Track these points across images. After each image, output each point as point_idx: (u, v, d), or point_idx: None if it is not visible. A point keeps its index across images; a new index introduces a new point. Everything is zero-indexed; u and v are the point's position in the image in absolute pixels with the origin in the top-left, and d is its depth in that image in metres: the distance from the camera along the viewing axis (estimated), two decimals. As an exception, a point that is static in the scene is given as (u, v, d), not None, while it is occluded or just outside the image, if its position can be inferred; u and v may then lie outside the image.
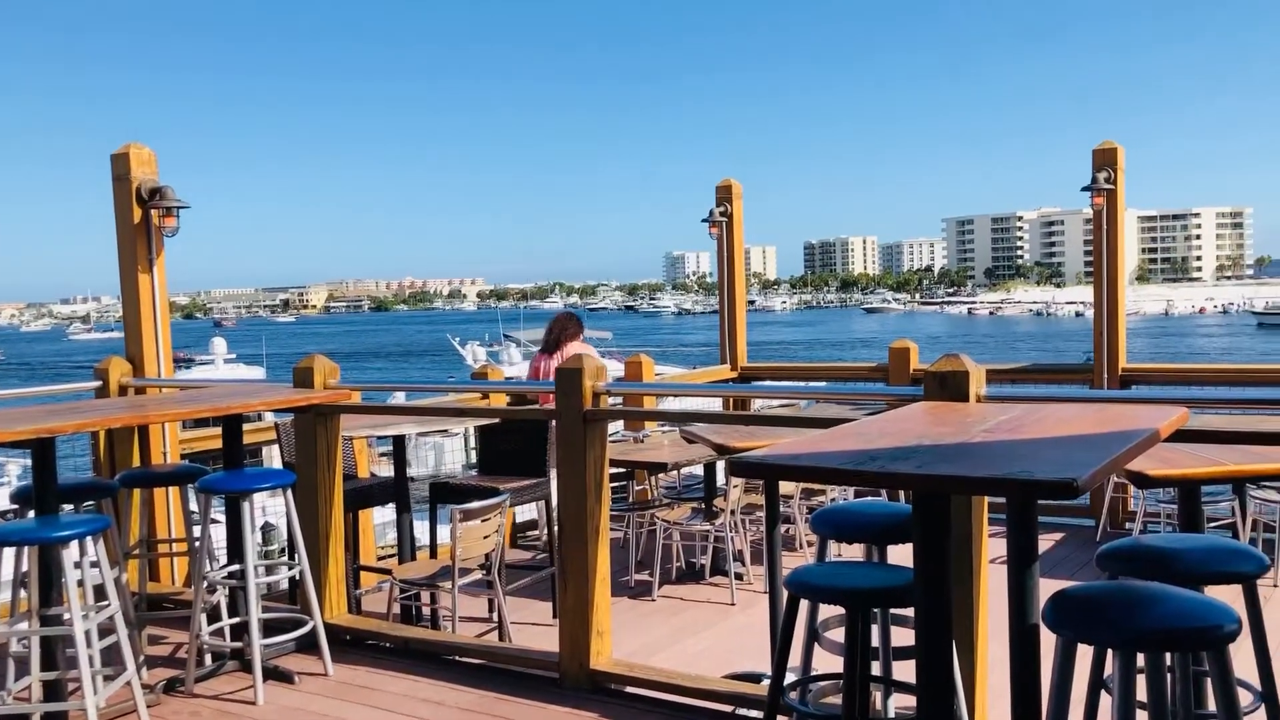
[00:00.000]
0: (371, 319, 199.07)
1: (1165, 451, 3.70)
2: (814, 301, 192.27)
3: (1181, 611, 2.34)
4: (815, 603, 3.23)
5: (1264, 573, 2.82)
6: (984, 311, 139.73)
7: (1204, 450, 3.72)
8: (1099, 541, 7.26)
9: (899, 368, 8.10)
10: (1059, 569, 6.59)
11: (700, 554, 6.83)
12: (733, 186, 9.05)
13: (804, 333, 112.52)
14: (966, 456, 2.45)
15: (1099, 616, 2.37)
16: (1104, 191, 7.63)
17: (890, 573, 3.01)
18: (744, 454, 2.43)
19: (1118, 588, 2.52)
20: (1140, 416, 2.88)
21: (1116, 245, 7.72)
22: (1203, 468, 3.66)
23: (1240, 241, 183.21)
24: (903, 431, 2.77)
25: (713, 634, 5.71)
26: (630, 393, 6.37)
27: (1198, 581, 2.77)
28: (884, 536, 3.28)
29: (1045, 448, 2.51)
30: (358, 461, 6.53)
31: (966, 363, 3.56)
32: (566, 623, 4.54)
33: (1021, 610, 2.59)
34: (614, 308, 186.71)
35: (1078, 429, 2.76)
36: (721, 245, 9.16)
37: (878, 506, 3.41)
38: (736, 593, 6.28)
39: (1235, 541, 2.96)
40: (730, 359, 9.15)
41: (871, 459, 2.40)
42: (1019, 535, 2.58)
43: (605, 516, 4.47)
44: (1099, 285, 7.81)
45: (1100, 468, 2.22)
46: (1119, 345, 7.70)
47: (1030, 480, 2.11)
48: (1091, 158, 7.69)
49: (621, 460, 6.54)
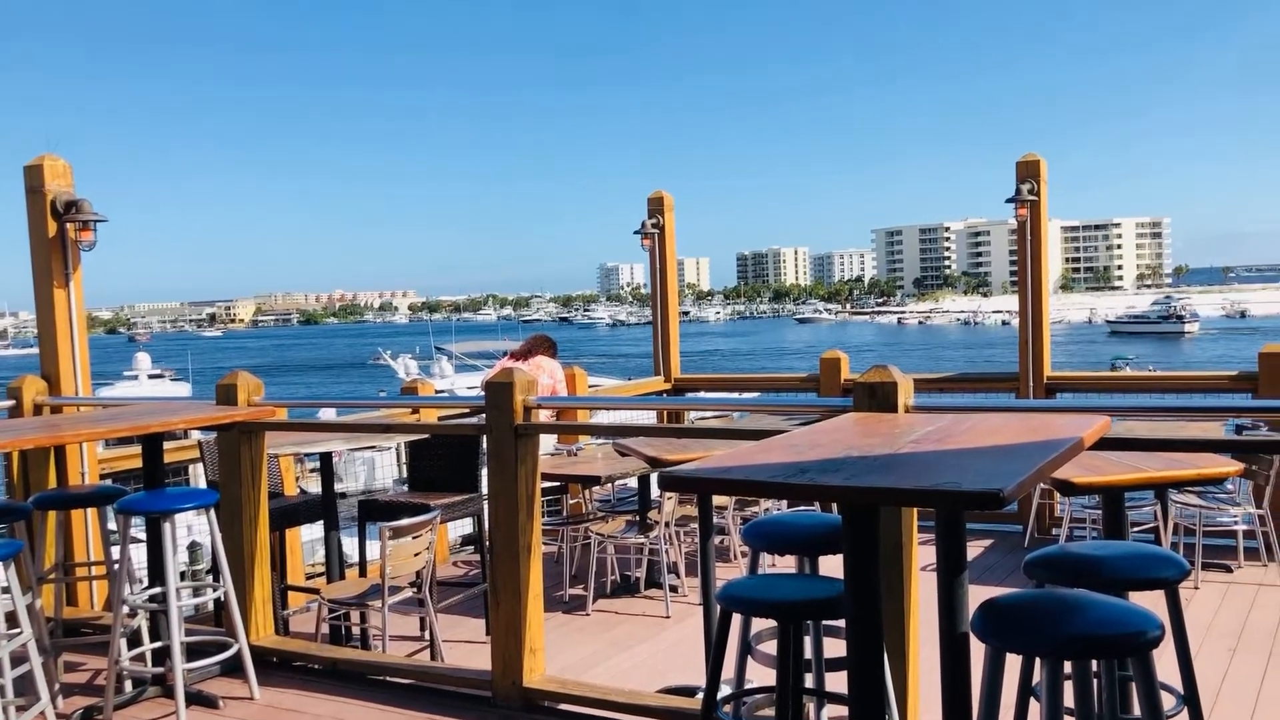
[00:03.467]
0: (301, 333, 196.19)
1: (1090, 459, 3.76)
2: (747, 312, 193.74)
3: (1106, 619, 2.36)
4: (748, 616, 3.22)
5: (1185, 578, 2.87)
6: (913, 321, 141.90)
7: (1127, 457, 3.80)
8: (1027, 547, 7.38)
9: (830, 378, 8.16)
10: (989, 575, 6.68)
11: (635, 567, 6.81)
12: (664, 199, 9.06)
13: (737, 343, 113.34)
14: (895, 468, 2.46)
15: (1026, 626, 2.39)
16: (1027, 203, 7.77)
17: (822, 584, 3.01)
18: (675, 468, 2.41)
19: (1044, 596, 2.55)
20: (1064, 425, 2.92)
21: (1040, 255, 7.86)
22: (1126, 475, 3.73)
23: (1159, 251, 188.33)
24: (833, 443, 2.78)
25: (647, 648, 5.68)
26: (562, 406, 6.34)
27: (1122, 588, 2.81)
28: (815, 548, 3.29)
29: (972, 458, 2.53)
30: (284, 479, 6.40)
31: (895, 374, 3.59)
32: (499, 640, 4.48)
33: (951, 620, 2.60)
34: (548, 319, 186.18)
35: (1004, 438, 2.79)
36: (654, 257, 9.17)
37: (809, 518, 3.41)
38: (671, 605, 6.26)
39: (1157, 548, 3.01)
40: (664, 370, 9.15)
41: (802, 471, 2.39)
42: (948, 545, 2.59)
43: (537, 532, 4.43)
44: (1024, 295, 7.95)
45: (1026, 478, 2.24)
46: (1044, 354, 7.84)
47: (957, 491, 2.12)
48: (1015, 170, 7.83)
49: (555, 474, 6.49)
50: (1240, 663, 5.08)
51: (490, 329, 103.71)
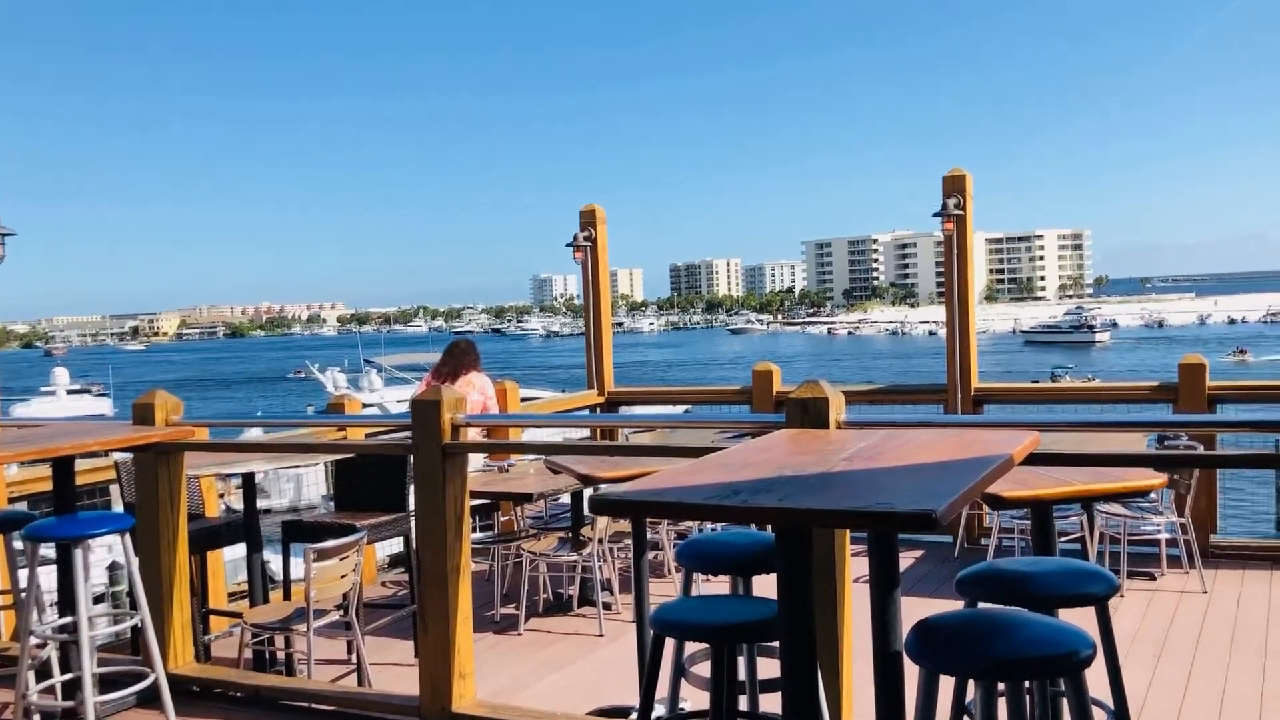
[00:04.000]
0: (227, 346, 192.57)
1: (1019, 472, 3.78)
2: (681, 323, 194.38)
3: (1039, 639, 2.36)
4: (681, 640, 3.17)
5: (1114, 593, 2.88)
6: (843, 331, 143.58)
7: (1055, 469, 3.82)
8: (956, 558, 7.45)
9: (762, 391, 8.17)
10: (920, 586, 6.72)
11: (568, 585, 6.73)
12: (596, 211, 9.02)
13: (671, 353, 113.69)
14: (828, 487, 2.43)
15: (960, 647, 2.37)
16: (954, 217, 7.86)
17: (755, 605, 2.98)
18: (606, 492, 2.35)
19: (977, 616, 2.53)
20: (995, 441, 2.91)
21: (966, 268, 7.96)
22: (1054, 488, 3.76)
23: (1080, 262, 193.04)
24: (766, 461, 2.74)
25: (580, 667, 5.61)
26: (492, 424, 6.24)
27: (1052, 605, 2.81)
28: (749, 567, 3.25)
29: (904, 477, 2.51)
30: (205, 499, 6.22)
31: (826, 389, 3.58)
32: (427, 664, 4.38)
33: (885, 639, 2.58)
34: (481, 330, 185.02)
35: (935, 455, 2.78)
36: (586, 269, 9.12)
37: (742, 537, 3.38)
38: (605, 623, 6.20)
39: (1087, 564, 3.02)
40: (597, 383, 9.09)
41: (735, 493, 2.35)
42: (880, 564, 2.57)
43: (466, 553, 4.34)
44: (951, 307, 8.04)
45: (958, 497, 2.22)
46: (971, 365, 7.93)
47: (890, 512, 2.09)
48: (942, 184, 7.92)
49: (485, 491, 6.39)
50: (1165, 670, 5.15)
51: (421, 341, 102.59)
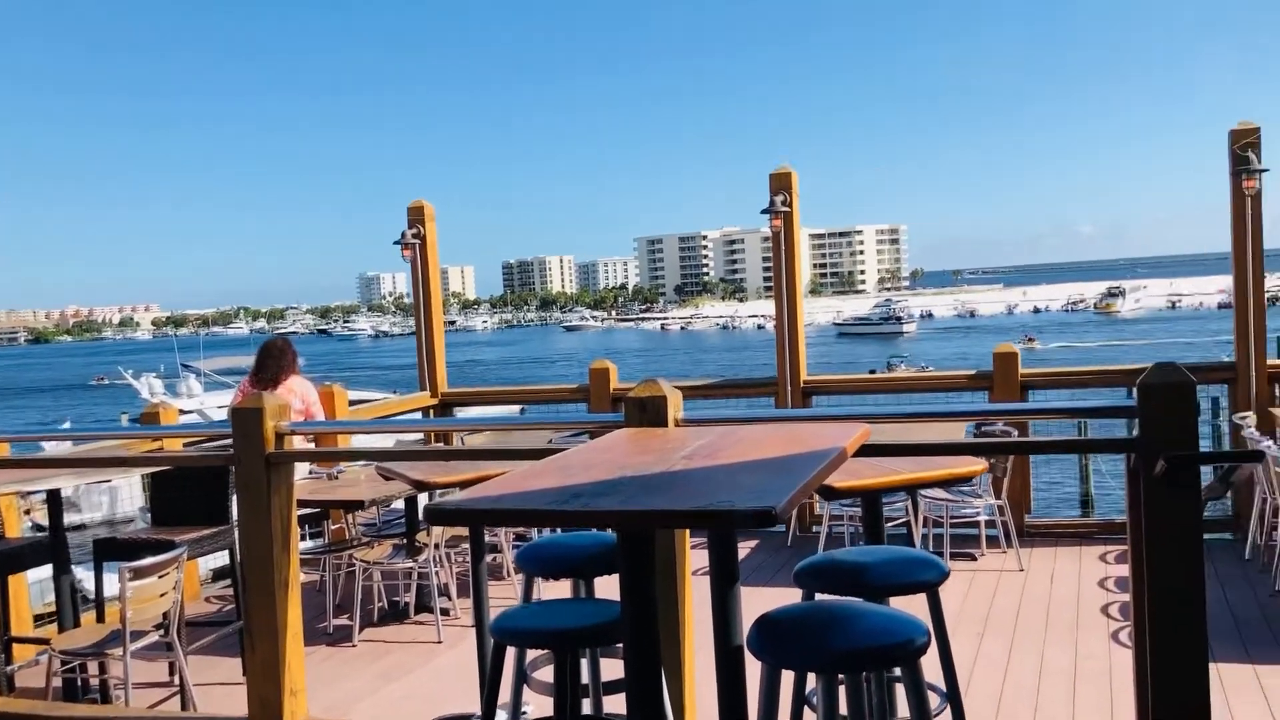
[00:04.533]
0: (29, 353, 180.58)
1: (849, 463, 3.87)
2: (515, 320, 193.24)
3: (876, 629, 2.40)
4: (523, 648, 3.11)
5: (944, 580, 2.97)
6: (676, 326, 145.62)
7: (882, 459, 3.93)
8: (790, 546, 7.62)
9: (599, 388, 8.16)
10: (756, 576, 6.84)
11: (404, 592, 6.55)
12: (425, 208, 8.82)
13: (506, 352, 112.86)
14: (669, 488, 2.41)
15: (800, 642, 2.40)
16: (781, 214, 8.04)
17: (597, 608, 2.94)
18: (441, 502, 2.27)
19: (815, 610, 2.57)
20: (827, 435, 2.96)
21: (793, 263, 8.14)
22: (883, 478, 3.86)
23: (898, 256, 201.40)
24: (606, 463, 2.71)
25: (419, 676, 5.47)
26: (319, 432, 6.01)
27: (886, 593, 2.88)
28: (590, 569, 3.21)
29: (743, 474, 2.52)
30: (4, 519, 5.78)
31: (664, 388, 3.57)
32: (255, 684, 4.17)
33: (726, 635, 2.58)
34: (306, 331, 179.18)
35: (771, 451, 2.80)
36: (416, 268, 8.90)
37: (583, 539, 3.34)
38: (444, 630, 6.06)
39: (918, 551, 3.11)
40: (429, 385, 8.89)
41: (575, 496, 2.30)
42: (720, 561, 2.57)
43: (294, 566, 4.15)
44: (779, 301, 8.21)
45: (796, 493, 2.24)
46: (800, 357, 8.12)
47: (731, 511, 2.08)
48: (769, 182, 8.08)
49: (314, 500, 6.16)
50: (988, 646, 5.39)
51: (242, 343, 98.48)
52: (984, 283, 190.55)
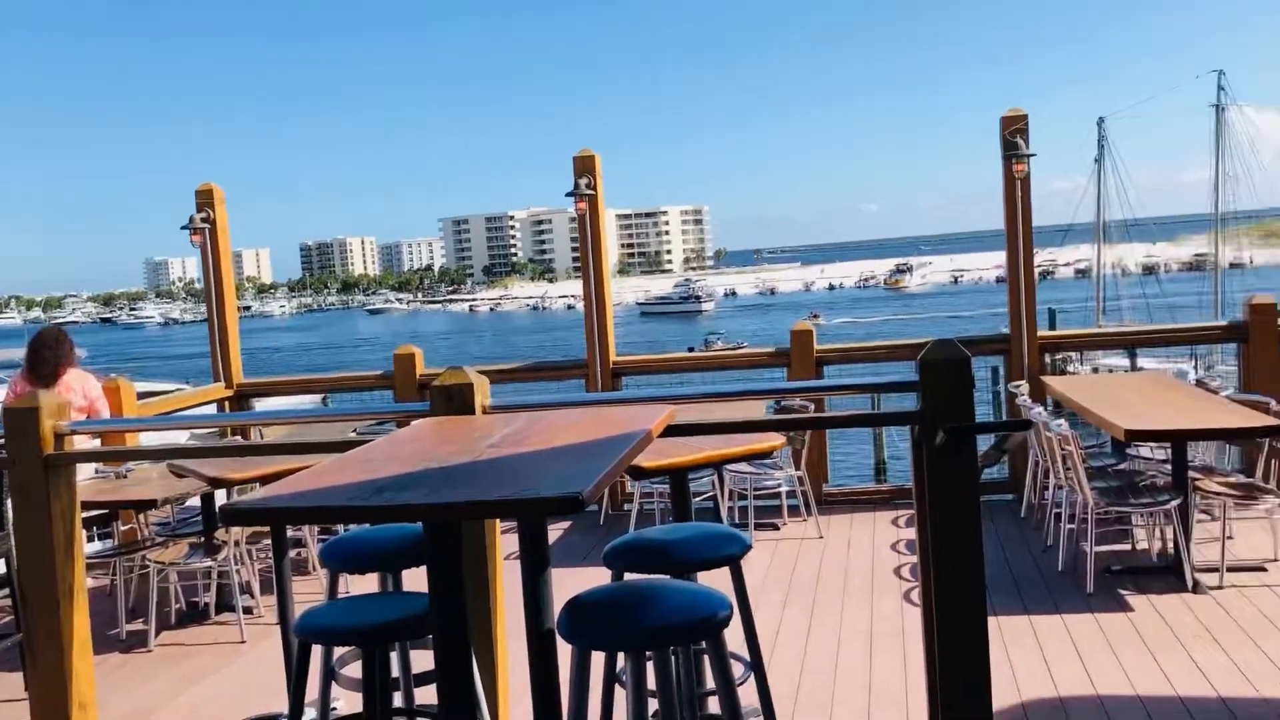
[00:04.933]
0: None
1: (657, 442, 3.96)
2: (315, 304, 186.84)
3: (681, 606, 2.47)
4: (330, 646, 3.04)
5: (746, 553, 3.08)
6: (485, 308, 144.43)
7: (689, 438, 4.03)
8: (603, 525, 7.71)
9: (405, 375, 8.02)
10: (568, 558, 6.89)
11: (203, 592, 6.29)
12: (214, 191, 8.42)
13: (306, 337, 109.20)
14: (476, 477, 2.41)
15: (608, 623, 2.45)
16: (585, 196, 8.09)
17: (406, 601, 2.91)
18: (240, 501, 2.20)
19: (622, 590, 2.62)
20: (634, 418, 3.02)
21: (600, 244, 8.22)
22: (689, 455, 3.96)
23: (702, 236, 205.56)
24: (411, 454, 2.67)
25: (222, 678, 5.27)
26: (104, 430, 5.65)
27: (692, 569, 2.97)
28: (397, 562, 3.17)
29: (550, 460, 2.54)
30: None
31: (470, 374, 3.54)
32: (38, 700, 3.92)
33: (537, 621, 2.60)
34: (88, 320, 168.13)
35: (579, 435, 2.83)
36: (206, 252, 8.50)
37: (389, 532, 3.29)
38: (247, 629, 5.85)
39: (722, 527, 3.21)
40: (224, 375, 8.52)
41: (379, 490, 2.27)
42: (530, 548, 2.59)
43: (79, 573, 3.92)
44: (587, 283, 8.28)
45: (603, 476, 2.28)
46: (608, 339, 8.21)
47: (538, 499, 2.10)
48: (573, 164, 8.11)
49: (101, 501, 5.82)
50: (791, 612, 5.62)
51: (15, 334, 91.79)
52: (783, 261, 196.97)
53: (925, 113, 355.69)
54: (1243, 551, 6.03)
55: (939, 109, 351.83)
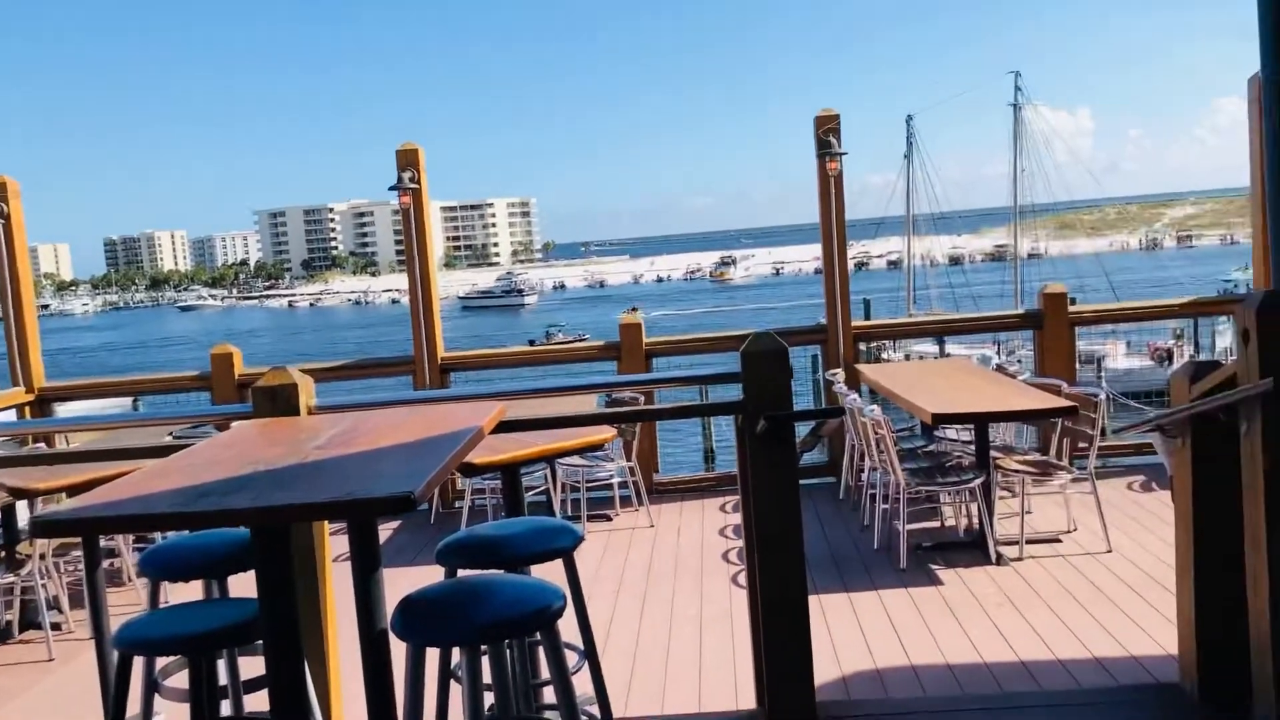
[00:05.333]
0: None
1: (488, 438, 3.98)
2: (121, 302, 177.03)
3: (515, 599, 2.52)
4: (152, 656, 2.95)
5: (579, 544, 3.15)
6: (304, 304, 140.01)
7: (521, 433, 4.07)
8: (433, 524, 7.65)
9: (223, 376, 7.75)
10: (400, 557, 6.81)
11: (5, 610, 5.93)
12: (6, 184, 7.92)
13: (113, 337, 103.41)
14: (304, 479, 2.39)
15: (442, 620, 2.46)
16: (409, 190, 7.99)
17: (233, 608, 2.84)
18: (51, 512, 2.11)
19: (456, 586, 2.64)
20: (465, 415, 3.04)
21: (425, 238, 8.13)
22: (521, 450, 3.99)
23: (529, 228, 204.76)
24: (235, 458, 2.62)
25: (29, 699, 4.99)
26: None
27: (526, 563, 3.01)
28: (223, 569, 3.10)
29: (380, 460, 2.54)
30: None
31: (295, 374, 3.49)
32: None
33: (369, 621, 2.59)
34: None
35: (408, 434, 2.83)
36: (0, 249, 7.98)
37: (212, 538, 3.20)
38: (55, 646, 5.55)
39: (554, 520, 3.27)
40: (23, 378, 8.03)
41: (203, 495, 2.22)
42: (361, 549, 2.58)
43: None
44: (413, 278, 8.18)
45: (434, 475, 2.30)
46: (436, 334, 8.14)
47: (369, 500, 2.11)
48: (396, 157, 8.00)
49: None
50: (624, 601, 5.73)
51: None
52: (612, 254, 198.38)
53: (747, 109, 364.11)
54: (1040, 525, 6.48)
55: (760, 105, 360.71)
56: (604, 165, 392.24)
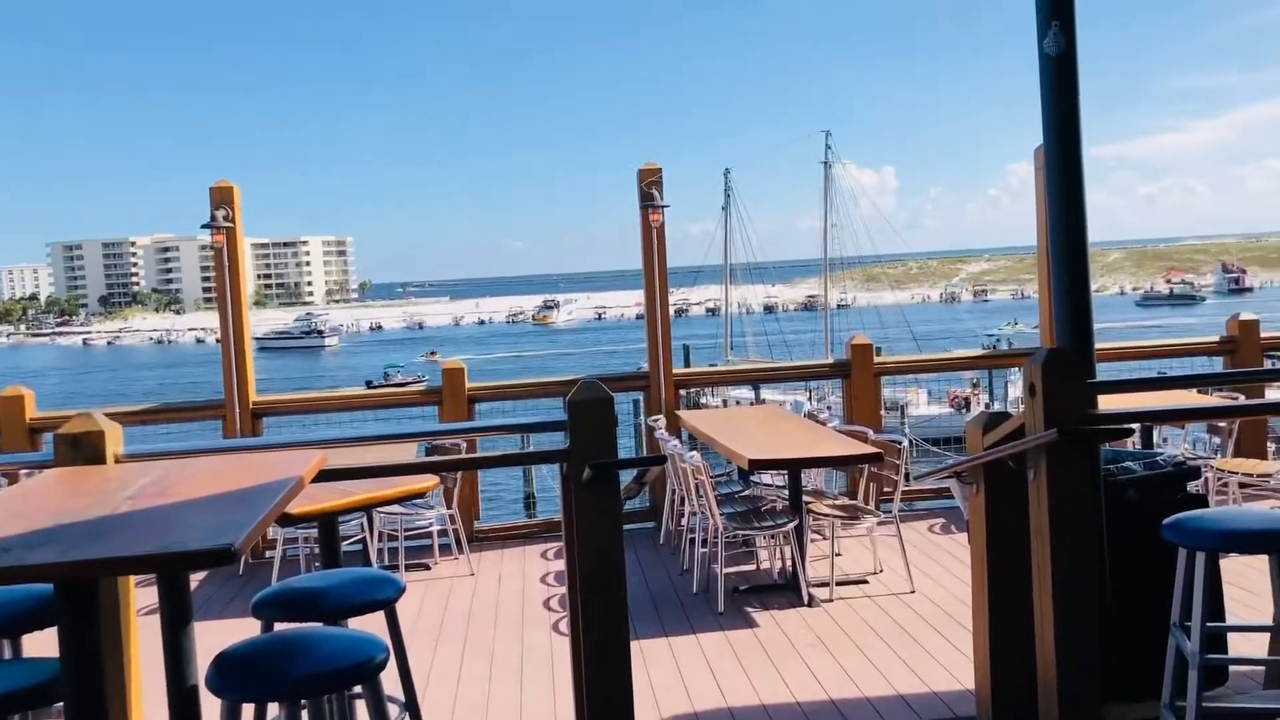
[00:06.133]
0: None
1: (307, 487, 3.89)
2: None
3: (334, 653, 2.47)
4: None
5: (400, 596, 3.11)
6: (102, 341, 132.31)
7: (339, 482, 3.99)
8: (242, 575, 7.35)
9: (13, 420, 7.27)
10: (209, 608, 6.52)
11: None
12: None
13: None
14: (115, 532, 2.29)
15: (258, 675, 2.40)
16: (224, 228, 7.74)
17: (28, 669, 2.68)
18: None
19: (274, 641, 2.58)
20: (283, 464, 2.98)
21: (238, 277, 7.87)
22: (339, 500, 3.93)
23: (345, 267, 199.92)
24: (38, 509, 2.49)
25: None
26: None
27: (345, 615, 2.96)
28: (18, 627, 2.92)
29: (195, 510, 2.46)
30: None
31: (101, 421, 3.33)
32: None
33: (180, 677, 2.51)
34: None
35: (225, 484, 2.75)
36: None
37: (6, 594, 3.01)
38: None
39: (375, 570, 3.23)
40: None
41: (4, 550, 2.11)
42: (172, 603, 2.49)
43: None
44: (224, 319, 7.90)
45: (254, 527, 2.25)
46: (247, 378, 7.87)
47: (186, 553, 2.05)
48: (209, 195, 7.75)
49: None
50: (443, 651, 5.65)
51: None
52: (430, 295, 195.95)
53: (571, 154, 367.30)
54: (849, 566, 6.76)
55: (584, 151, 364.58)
56: (424, 206, 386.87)
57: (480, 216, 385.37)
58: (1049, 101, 4.00)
